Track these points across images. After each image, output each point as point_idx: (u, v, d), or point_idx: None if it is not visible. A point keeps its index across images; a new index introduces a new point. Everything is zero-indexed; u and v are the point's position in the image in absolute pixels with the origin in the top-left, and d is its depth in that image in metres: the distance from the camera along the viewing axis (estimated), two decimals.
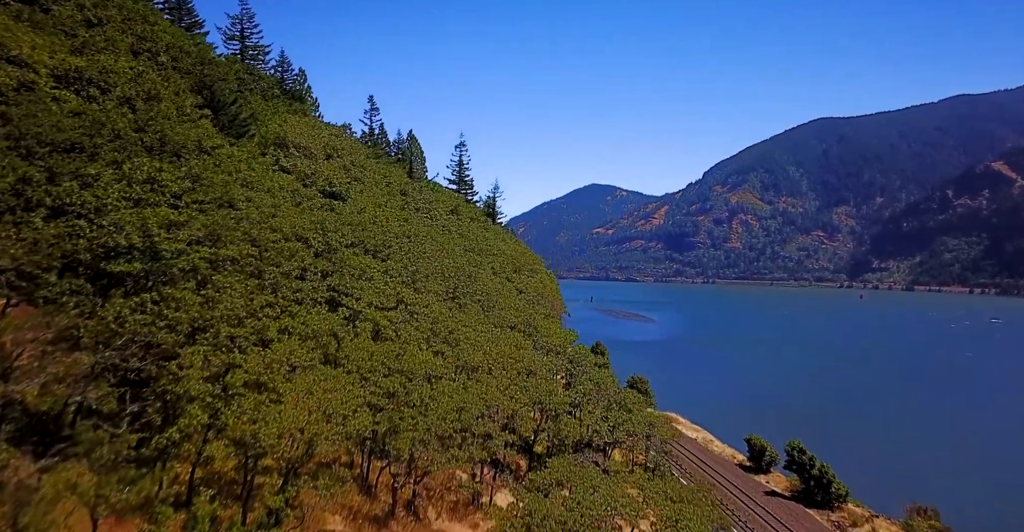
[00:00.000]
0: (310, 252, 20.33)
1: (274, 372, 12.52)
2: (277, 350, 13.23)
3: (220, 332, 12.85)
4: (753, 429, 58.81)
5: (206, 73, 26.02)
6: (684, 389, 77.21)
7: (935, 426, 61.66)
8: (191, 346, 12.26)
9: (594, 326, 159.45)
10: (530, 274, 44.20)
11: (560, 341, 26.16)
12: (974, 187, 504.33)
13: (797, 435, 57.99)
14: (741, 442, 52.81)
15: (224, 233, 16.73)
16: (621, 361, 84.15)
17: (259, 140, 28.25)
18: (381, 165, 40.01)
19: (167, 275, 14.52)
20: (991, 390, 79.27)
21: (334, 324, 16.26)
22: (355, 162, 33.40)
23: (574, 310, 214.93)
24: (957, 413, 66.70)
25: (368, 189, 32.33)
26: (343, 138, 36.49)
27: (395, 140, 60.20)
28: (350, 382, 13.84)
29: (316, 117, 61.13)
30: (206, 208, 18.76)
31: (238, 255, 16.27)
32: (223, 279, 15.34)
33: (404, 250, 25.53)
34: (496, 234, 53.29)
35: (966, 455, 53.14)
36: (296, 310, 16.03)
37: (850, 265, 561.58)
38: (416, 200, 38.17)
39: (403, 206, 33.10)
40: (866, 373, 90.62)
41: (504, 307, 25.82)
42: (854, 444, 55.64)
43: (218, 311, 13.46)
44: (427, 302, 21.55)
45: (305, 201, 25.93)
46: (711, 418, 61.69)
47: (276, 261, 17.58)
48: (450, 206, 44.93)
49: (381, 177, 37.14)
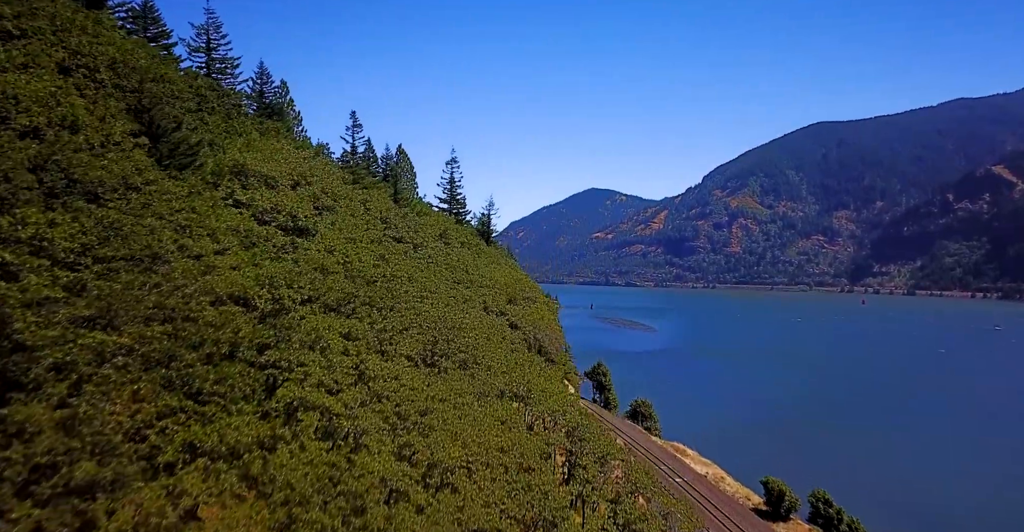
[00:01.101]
0: (251, 318, 16.55)
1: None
2: (156, 491, 9.47)
3: (74, 476, 9.09)
4: (765, 459, 54.92)
5: (145, 93, 22.29)
6: (689, 409, 72.84)
7: (980, 462, 56.06)
8: (21, 502, 8.50)
9: (594, 335, 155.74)
10: (526, 304, 40.46)
11: (559, 402, 22.39)
12: (975, 191, 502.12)
13: (813, 465, 54.24)
14: (754, 478, 49.04)
15: (124, 308, 13.01)
16: (622, 375, 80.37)
17: (213, 169, 24.52)
18: (361, 189, 36.26)
19: (28, 377, 10.76)
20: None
21: (262, 431, 12.49)
22: (327, 189, 29.66)
23: (575, 318, 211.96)
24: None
25: (342, 220, 28.59)
26: (319, 160, 32.75)
27: (383, 155, 56.55)
28: (268, 527, 10.14)
29: (299, 133, 57.42)
30: (116, 268, 15.02)
31: (137, 339, 12.52)
32: (111, 375, 11.60)
33: (375, 298, 21.76)
34: (490, 258, 49.54)
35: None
36: (213, 411, 12.31)
37: (851, 269, 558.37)
38: (399, 228, 34.46)
39: (381, 238, 29.39)
40: (890, 394, 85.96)
41: (493, 363, 22.05)
42: (882, 481, 51.61)
43: (83, 438, 9.73)
44: (396, 372, 17.78)
45: (260, 242, 22.17)
46: (720, 445, 57.74)
47: (196, 339, 13.84)
48: (439, 230, 41.22)
49: (360, 203, 33.42)
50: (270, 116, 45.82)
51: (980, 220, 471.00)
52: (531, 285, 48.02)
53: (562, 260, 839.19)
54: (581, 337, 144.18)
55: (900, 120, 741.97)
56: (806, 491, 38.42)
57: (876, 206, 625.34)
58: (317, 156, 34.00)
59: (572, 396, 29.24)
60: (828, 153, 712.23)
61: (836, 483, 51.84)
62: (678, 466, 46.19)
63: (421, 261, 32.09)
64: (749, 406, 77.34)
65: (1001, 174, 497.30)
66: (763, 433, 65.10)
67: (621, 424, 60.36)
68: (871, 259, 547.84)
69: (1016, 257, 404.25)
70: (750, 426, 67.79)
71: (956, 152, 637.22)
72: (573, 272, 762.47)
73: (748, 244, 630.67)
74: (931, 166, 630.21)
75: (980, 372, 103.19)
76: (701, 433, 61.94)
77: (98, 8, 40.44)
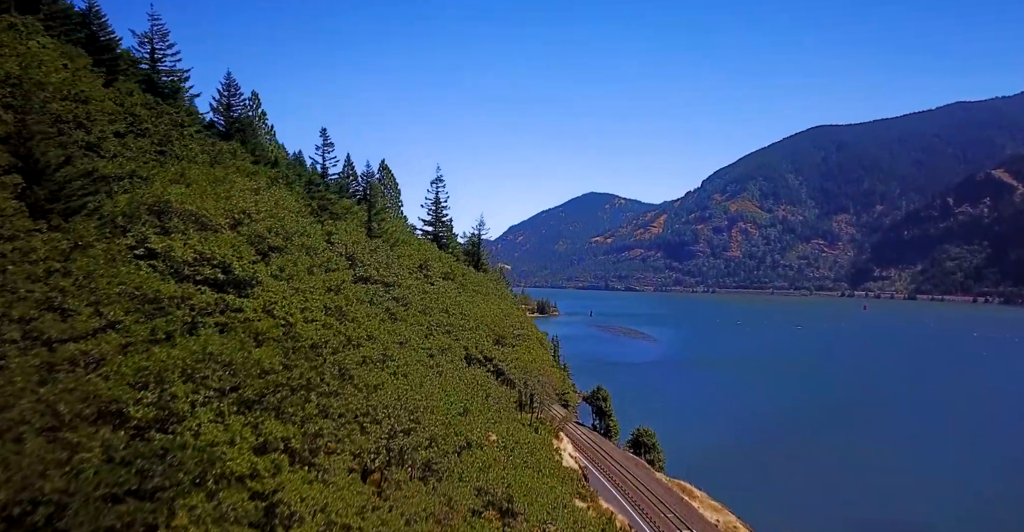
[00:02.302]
0: (119, 437, 11.87)
1: None
2: None
3: None
4: (780, 499, 50.00)
5: (31, 116, 17.67)
6: (694, 434, 67.55)
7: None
8: None
9: (594, 346, 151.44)
10: (515, 342, 35.77)
11: (549, 504, 17.71)
12: (975, 194, 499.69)
13: (839, 508, 48.96)
14: (770, 527, 44.33)
15: None
16: (622, 390, 74.69)
17: (124, 210, 19.86)
18: (329, 218, 31.56)
19: None
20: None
21: None
22: (278, 225, 24.99)
23: (575, 327, 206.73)
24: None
25: (293, 265, 23.91)
26: (272, 191, 27.99)
27: (364, 173, 51.64)
28: None
29: (271, 148, 52.71)
30: None
31: None
32: None
33: (315, 379, 17.08)
34: (478, 286, 44.79)
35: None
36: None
37: (851, 274, 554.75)
38: (368, 265, 29.82)
39: (341, 284, 24.69)
40: (918, 418, 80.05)
41: (466, 468, 17.30)
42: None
43: None
44: (325, 500, 13.09)
45: (172, 308, 17.50)
46: (730, 480, 52.87)
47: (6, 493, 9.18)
48: (419, 261, 36.47)
49: (323, 238, 28.75)
50: (232, 135, 41.20)
51: (981, 224, 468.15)
52: (523, 319, 43.24)
53: (561, 264, 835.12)
54: (580, 348, 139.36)
55: (899, 124, 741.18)
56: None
57: (876, 210, 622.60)
58: (273, 185, 29.25)
59: (574, 471, 24.75)
60: (827, 157, 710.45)
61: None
62: (685, 513, 41.31)
63: (393, 306, 27.39)
64: (758, 431, 72.23)
65: (1001, 178, 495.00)
66: (777, 464, 60.08)
67: (622, 457, 55.52)
68: (872, 263, 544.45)
69: (1018, 261, 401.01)
70: (761, 455, 62.72)
71: (955, 156, 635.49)
72: (572, 276, 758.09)
73: (748, 248, 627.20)
74: (930, 170, 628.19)
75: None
76: (708, 465, 57.01)
77: (33, 12, 35.96)
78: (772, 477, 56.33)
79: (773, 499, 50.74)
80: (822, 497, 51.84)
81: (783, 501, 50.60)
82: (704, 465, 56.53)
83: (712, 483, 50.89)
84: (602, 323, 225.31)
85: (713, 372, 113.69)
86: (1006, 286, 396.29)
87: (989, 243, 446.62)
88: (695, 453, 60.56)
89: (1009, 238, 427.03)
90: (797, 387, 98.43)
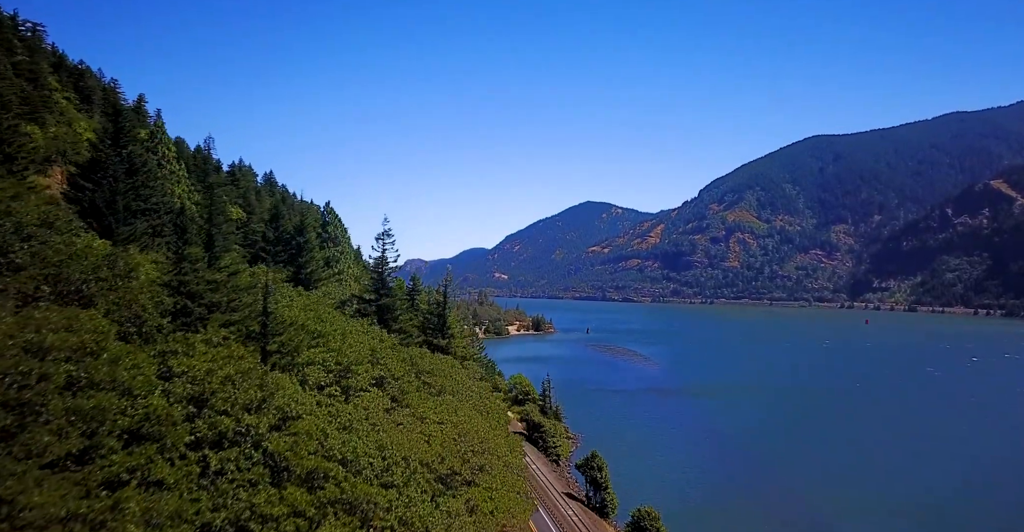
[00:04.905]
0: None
1: None
2: None
3: None
4: None
5: None
6: (702, 502, 55.48)
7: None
8: None
9: (589, 370, 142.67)
10: (474, 476, 26.02)
11: None
12: (974, 205, 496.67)
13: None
14: None
15: None
16: (617, 423, 63.40)
17: None
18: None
19: None
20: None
21: None
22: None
23: (570, 346, 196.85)
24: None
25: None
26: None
27: (297, 225, 38.80)
28: None
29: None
30: None
31: None
32: None
33: None
34: (432, 376, 34.50)
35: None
36: None
37: (850, 284, 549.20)
38: (281, 362, 22.06)
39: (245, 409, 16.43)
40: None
41: None
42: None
43: None
44: None
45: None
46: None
47: None
48: (355, 357, 27.47)
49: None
50: None
51: (980, 235, 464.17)
52: (499, 434, 32.82)
53: (558, 274, 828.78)
54: (575, 373, 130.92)
55: (895, 133, 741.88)
56: None
57: (874, 220, 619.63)
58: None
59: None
60: (824, 167, 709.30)
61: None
62: None
63: (260, 474, 17.23)
64: (807, 494, 58.06)
65: (1000, 188, 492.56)
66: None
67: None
68: (870, 274, 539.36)
69: (1019, 273, 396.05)
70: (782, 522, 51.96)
71: (952, 166, 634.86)
72: (569, 287, 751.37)
73: (746, 259, 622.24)
74: (927, 180, 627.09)
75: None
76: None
77: None
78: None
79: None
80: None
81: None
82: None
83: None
84: (600, 342, 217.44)
85: (719, 402, 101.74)
86: (1007, 298, 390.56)
87: (989, 254, 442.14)
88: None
89: (1009, 250, 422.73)
90: (813, 424, 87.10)
